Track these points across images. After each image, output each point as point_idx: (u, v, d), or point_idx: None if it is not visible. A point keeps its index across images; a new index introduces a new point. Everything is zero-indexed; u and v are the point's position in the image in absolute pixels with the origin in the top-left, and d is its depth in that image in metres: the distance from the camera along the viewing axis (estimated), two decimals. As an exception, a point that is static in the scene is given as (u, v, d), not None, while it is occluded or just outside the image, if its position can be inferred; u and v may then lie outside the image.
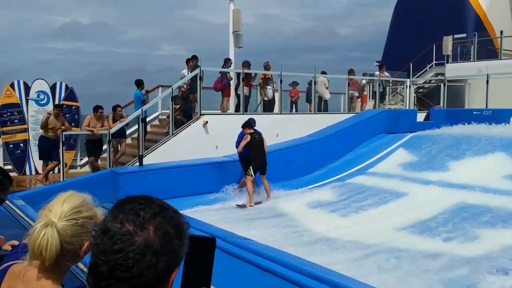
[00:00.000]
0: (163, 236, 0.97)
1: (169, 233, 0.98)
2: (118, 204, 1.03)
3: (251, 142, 9.43)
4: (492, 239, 6.58)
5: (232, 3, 13.29)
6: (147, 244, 0.95)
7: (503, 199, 8.09)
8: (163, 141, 10.77)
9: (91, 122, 10.28)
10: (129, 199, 1.03)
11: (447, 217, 7.75)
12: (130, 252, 0.94)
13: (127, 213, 0.99)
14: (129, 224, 0.97)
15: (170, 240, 0.98)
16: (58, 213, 1.36)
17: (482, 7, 20.93)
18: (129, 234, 0.95)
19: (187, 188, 9.37)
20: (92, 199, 1.48)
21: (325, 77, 14.97)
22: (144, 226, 0.97)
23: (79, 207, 1.40)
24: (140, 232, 0.96)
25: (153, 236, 0.96)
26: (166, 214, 1.01)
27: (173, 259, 0.98)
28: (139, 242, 0.95)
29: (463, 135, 11.63)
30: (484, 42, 19.18)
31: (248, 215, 8.39)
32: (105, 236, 0.97)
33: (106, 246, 0.96)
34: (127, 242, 0.95)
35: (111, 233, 0.96)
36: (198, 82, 11.49)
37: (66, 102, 12.29)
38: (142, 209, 0.99)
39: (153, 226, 0.97)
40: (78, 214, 1.38)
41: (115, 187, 8.62)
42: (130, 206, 1.00)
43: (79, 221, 1.37)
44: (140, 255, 0.94)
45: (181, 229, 1.02)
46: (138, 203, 1.01)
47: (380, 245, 6.60)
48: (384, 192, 9.52)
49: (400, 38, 22.97)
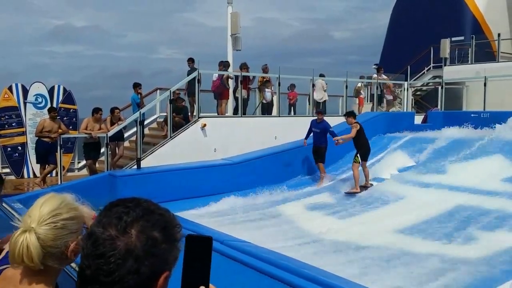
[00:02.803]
0: (147, 241, 0.95)
1: (153, 237, 0.96)
2: (106, 207, 1.01)
3: (359, 131, 9.97)
4: (490, 241, 6.58)
5: (230, 6, 13.33)
6: (128, 249, 0.94)
7: (502, 201, 8.10)
8: (161, 144, 10.76)
9: (88, 125, 10.26)
10: (117, 202, 1.02)
11: (445, 220, 7.75)
12: (111, 257, 0.93)
13: (111, 217, 0.97)
14: (111, 228, 0.96)
15: (155, 244, 0.96)
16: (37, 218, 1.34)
17: (480, 10, 21.00)
18: (110, 238, 0.94)
19: (185, 191, 9.36)
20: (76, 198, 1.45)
21: (323, 79, 15.02)
22: (126, 230, 0.95)
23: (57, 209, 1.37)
24: (122, 236, 0.95)
25: (135, 240, 0.95)
26: (151, 217, 0.98)
27: (158, 264, 0.96)
28: (120, 247, 0.94)
29: (461, 138, 11.65)
30: (481, 45, 19.24)
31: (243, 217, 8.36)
32: (89, 240, 0.96)
33: (89, 250, 0.95)
34: (109, 247, 0.94)
35: (94, 237, 0.96)
36: (196, 85, 11.49)
37: (64, 105, 12.27)
38: (125, 213, 0.97)
39: (136, 231, 0.96)
40: (57, 217, 1.35)
41: (113, 190, 8.60)
42: (116, 209, 0.99)
43: (58, 224, 1.35)
44: (121, 260, 0.93)
45: (170, 232, 1.00)
46: (123, 207, 0.99)
47: (378, 247, 6.60)
48: (382, 194, 9.52)
49: (397, 41, 23.03)
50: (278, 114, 13.43)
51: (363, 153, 9.96)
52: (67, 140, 11.44)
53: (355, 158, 9.90)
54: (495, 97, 14.00)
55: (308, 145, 11.05)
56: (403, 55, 20.21)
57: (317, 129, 10.88)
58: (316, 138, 10.93)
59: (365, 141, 10.09)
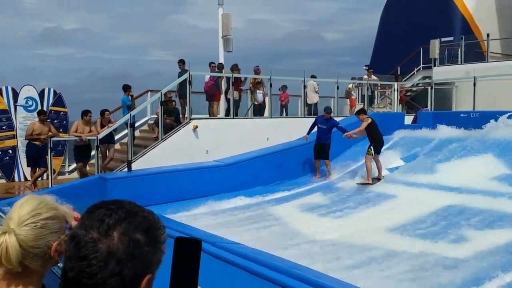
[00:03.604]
0: (129, 243, 0.96)
1: (136, 239, 0.97)
2: (89, 209, 1.02)
3: (371, 125, 10.28)
4: (480, 240, 6.64)
5: (221, 7, 13.35)
6: (110, 251, 0.94)
7: (492, 200, 8.18)
8: (152, 146, 10.74)
9: (78, 127, 10.21)
10: (100, 204, 1.02)
11: (435, 219, 7.81)
12: (94, 260, 0.93)
13: (93, 219, 0.98)
14: (93, 231, 0.96)
15: (138, 246, 0.96)
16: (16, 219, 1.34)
17: (469, 10, 21.16)
18: (92, 241, 0.95)
19: (177, 194, 9.34)
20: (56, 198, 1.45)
21: (315, 81, 15.08)
22: (108, 232, 0.96)
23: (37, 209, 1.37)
24: (104, 239, 0.95)
25: (117, 243, 0.95)
26: (133, 219, 0.99)
27: (141, 266, 0.97)
28: (102, 249, 0.94)
29: (450, 137, 11.75)
30: (471, 45, 19.39)
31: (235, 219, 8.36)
32: (72, 243, 0.97)
33: (72, 252, 0.96)
34: (91, 249, 0.94)
35: (77, 240, 0.96)
36: (187, 86, 11.49)
37: (54, 108, 12.20)
38: (108, 215, 0.98)
39: (118, 233, 0.96)
40: (37, 217, 1.35)
41: (103, 193, 8.56)
42: (98, 212, 0.99)
43: (38, 223, 1.34)
44: (103, 263, 0.93)
45: (154, 234, 1.00)
46: (106, 209, 0.99)
47: (368, 247, 6.64)
48: (373, 194, 9.59)
49: (387, 42, 23.15)
50: (270, 115, 13.46)
51: (376, 145, 10.17)
52: (58, 143, 11.38)
53: (368, 150, 10.13)
54: (485, 97, 14.12)
55: (301, 146, 11.09)
56: (393, 56, 20.33)
57: (325, 125, 11.04)
58: (321, 134, 11.06)
59: (378, 134, 10.34)
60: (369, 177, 10.02)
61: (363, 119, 10.46)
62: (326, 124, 11.02)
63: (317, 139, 11.13)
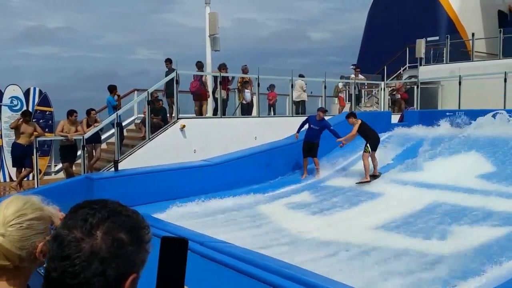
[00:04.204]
0: (112, 242, 0.95)
1: (119, 239, 0.96)
2: (72, 209, 1.01)
3: (362, 126, 10.38)
4: (465, 237, 6.71)
5: (208, 6, 13.30)
6: (93, 251, 0.94)
7: (476, 198, 8.27)
8: (139, 146, 10.67)
9: (64, 127, 10.12)
10: (83, 203, 1.02)
11: (422, 216, 7.88)
12: (76, 259, 0.93)
13: (76, 219, 0.97)
14: (76, 231, 0.95)
15: (121, 246, 0.96)
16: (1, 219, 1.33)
17: (455, 10, 21.39)
18: (75, 240, 0.94)
19: (165, 193, 9.29)
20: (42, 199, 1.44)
21: (303, 80, 15.12)
22: (91, 232, 0.95)
23: (22, 210, 1.36)
24: (87, 238, 0.94)
25: (101, 242, 0.94)
26: (117, 219, 0.98)
27: (125, 266, 0.96)
28: (85, 249, 0.94)
29: (436, 136, 11.86)
30: (456, 45, 19.60)
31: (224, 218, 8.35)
32: (55, 243, 0.96)
33: (55, 252, 0.95)
34: (74, 249, 0.94)
35: (60, 240, 0.96)
36: (174, 85, 11.44)
37: (40, 108, 12.08)
38: (91, 214, 0.97)
39: (101, 232, 0.95)
40: (22, 217, 1.34)
41: (90, 193, 8.48)
42: (81, 211, 0.99)
43: (24, 224, 1.33)
44: (86, 262, 0.93)
45: (138, 234, 1.00)
46: (89, 208, 0.99)
47: (356, 244, 6.68)
48: (360, 193, 9.64)
49: (374, 42, 23.30)
50: (258, 114, 13.46)
51: (372, 143, 10.22)
52: (43, 143, 11.26)
53: (365, 148, 10.16)
54: (470, 95, 14.28)
55: (289, 145, 11.10)
56: (380, 56, 20.47)
57: (317, 126, 11.01)
58: (312, 134, 11.05)
59: (372, 132, 10.41)
60: (367, 175, 10.04)
61: (353, 122, 10.48)
62: (318, 125, 11.00)
63: (306, 138, 11.12)
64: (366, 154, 10.12)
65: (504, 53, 17.46)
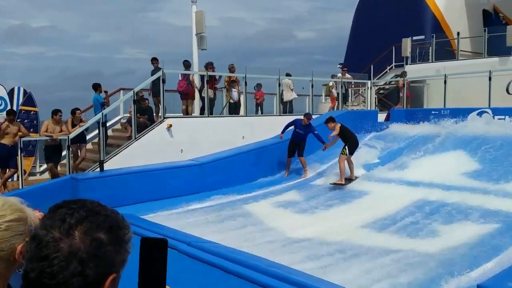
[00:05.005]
0: (91, 242, 0.95)
1: (98, 239, 0.96)
2: (51, 209, 1.00)
3: (341, 129, 10.38)
4: (450, 234, 6.78)
5: (194, 5, 13.23)
6: (71, 251, 0.93)
7: (462, 195, 8.35)
8: (125, 146, 10.58)
9: (49, 127, 10.00)
10: (61, 203, 1.01)
11: (407, 214, 7.94)
12: (55, 259, 0.92)
13: (54, 219, 0.97)
14: (54, 231, 0.95)
15: (100, 246, 0.95)
16: None
17: (440, 10, 21.58)
18: (54, 240, 0.94)
19: (152, 193, 9.23)
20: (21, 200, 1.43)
21: (290, 79, 15.13)
22: (69, 232, 0.94)
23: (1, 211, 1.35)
24: (66, 238, 0.94)
25: (79, 242, 0.94)
26: (96, 218, 0.97)
27: (104, 266, 0.96)
28: (64, 249, 0.93)
29: (422, 134, 11.97)
30: (441, 44, 19.77)
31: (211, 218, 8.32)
32: (33, 243, 0.96)
33: (33, 252, 0.95)
34: (52, 249, 0.93)
35: (38, 240, 0.95)
36: (161, 85, 11.36)
37: (24, 107, 11.90)
38: (69, 214, 0.97)
39: (80, 232, 0.95)
40: (1, 219, 1.33)
41: (75, 194, 8.39)
42: (60, 211, 0.98)
43: (2, 226, 1.32)
44: (64, 262, 0.92)
45: (117, 234, 0.99)
46: (67, 208, 0.98)
47: (343, 243, 6.71)
48: (347, 191, 9.68)
49: (361, 41, 23.40)
50: (246, 113, 13.43)
51: (351, 146, 10.20)
52: (28, 143, 11.10)
53: (343, 150, 10.12)
54: (455, 94, 14.42)
55: (276, 144, 11.10)
56: (366, 55, 20.57)
57: (302, 131, 11.02)
58: (299, 136, 11.06)
59: (352, 136, 10.38)
60: (342, 177, 10.00)
61: (332, 127, 10.44)
62: (304, 130, 10.98)
63: (293, 138, 11.13)
64: (343, 156, 10.07)
65: (488, 52, 17.66)
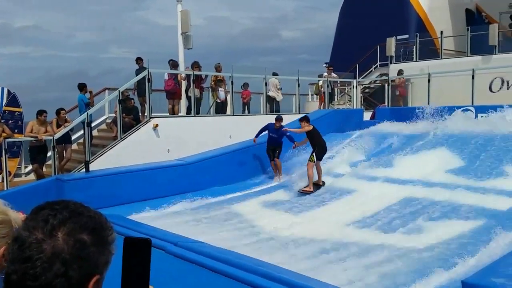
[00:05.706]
0: (74, 243, 0.94)
1: (81, 240, 0.95)
2: (33, 210, 0.99)
3: (312, 132, 10.21)
4: (435, 231, 6.87)
5: (180, 4, 13.18)
6: (55, 252, 0.92)
7: (447, 192, 8.46)
8: (110, 146, 10.51)
9: (33, 127, 9.89)
10: (44, 205, 1.00)
11: (394, 212, 8.02)
12: (38, 261, 0.92)
13: (37, 220, 0.96)
14: (37, 232, 0.94)
15: (83, 247, 0.95)
16: None
17: (424, 9, 21.79)
18: (37, 242, 0.93)
19: (138, 194, 9.19)
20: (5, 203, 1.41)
21: (276, 78, 15.16)
22: (52, 233, 0.94)
23: None
24: (49, 240, 0.93)
25: (62, 243, 0.93)
26: (78, 219, 0.97)
27: (87, 267, 0.95)
28: (47, 250, 0.92)
29: (407, 132, 12.09)
30: (425, 43, 19.97)
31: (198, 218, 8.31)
32: (15, 244, 0.95)
33: (16, 254, 0.94)
34: (35, 250, 0.92)
35: (21, 241, 0.94)
36: (146, 84, 11.31)
37: (8, 108, 11.74)
38: (52, 215, 0.96)
39: (63, 233, 0.94)
40: None
41: (60, 195, 8.31)
42: (43, 212, 0.97)
43: None
44: (47, 264, 0.92)
45: (101, 235, 0.99)
46: (50, 209, 0.98)
47: (332, 241, 6.76)
48: (334, 189, 9.75)
49: (346, 41, 23.52)
50: (232, 113, 13.43)
51: (319, 152, 10.10)
52: (13, 144, 10.96)
53: (311, 157, 10.01)
54: (439, 92, 14.58)
55: (260, 144, 11.10)
56: (352, 54, 20.69)
57: (275, 134, 10.99)
58: (273, 140, 11.03)
59: (320, 141, 10.24)
60: (311, 185, 9.86)
61: (303, 126, 10.38)
62: (277, 133, 10.96)
63: (268, 143, 11.10)
64: (311, 163, 9.89)
65: (471, 51, 17.89)
